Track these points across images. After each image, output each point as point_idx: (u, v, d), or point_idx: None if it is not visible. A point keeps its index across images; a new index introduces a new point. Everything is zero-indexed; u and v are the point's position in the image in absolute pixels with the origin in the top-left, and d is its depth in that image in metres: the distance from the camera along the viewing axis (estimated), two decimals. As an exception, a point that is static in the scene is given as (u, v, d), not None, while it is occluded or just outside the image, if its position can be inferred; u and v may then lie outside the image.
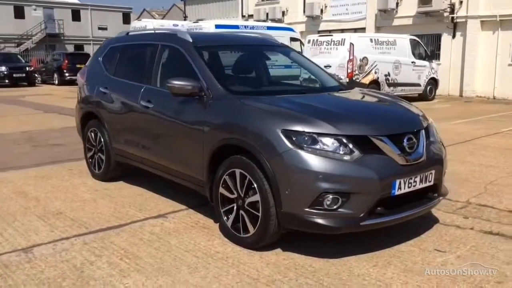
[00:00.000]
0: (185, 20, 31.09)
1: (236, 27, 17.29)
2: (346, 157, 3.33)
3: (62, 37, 46.60)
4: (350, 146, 3.36)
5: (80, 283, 3.17)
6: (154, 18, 49.77)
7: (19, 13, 45.59)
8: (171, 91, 4.06)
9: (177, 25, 18.67)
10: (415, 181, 3.55)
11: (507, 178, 5.91)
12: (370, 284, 3.15)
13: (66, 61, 26.84)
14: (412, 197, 3.66)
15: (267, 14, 24.00)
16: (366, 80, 13.71)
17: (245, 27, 17.43)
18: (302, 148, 3.32)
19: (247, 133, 3.59)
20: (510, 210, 4.64)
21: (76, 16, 48.68)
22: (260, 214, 3.52)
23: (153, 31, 5.49)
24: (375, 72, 14.01)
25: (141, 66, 5.01)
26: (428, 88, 16.09)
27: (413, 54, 15.44)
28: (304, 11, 22.94)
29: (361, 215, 3.34)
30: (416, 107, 4.30)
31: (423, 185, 3.64)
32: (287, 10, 23.84)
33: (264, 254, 3.59)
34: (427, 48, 18.15)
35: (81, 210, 4.66)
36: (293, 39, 17.96)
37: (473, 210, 4.64)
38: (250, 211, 3.60)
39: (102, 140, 5.46)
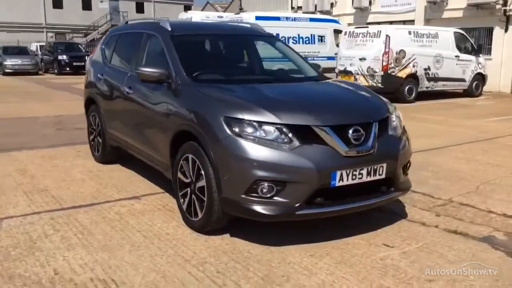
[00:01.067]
0: (241, 12, 31.41)
1: (277, 18, 17.26)
2: (284, 146, 3.34)
3: (125, 29, 48.23)
4: (290, 135, 3.37)
5: (26, 252, 3.40)
6: (217, 11, 50.59)
7: (86, 5, 47.80)
8: (140, 77, 4.22)
9: (222, 17, 18.91)
10: (360, 174, 3.50)
11: (509, 178, 5.62)
12: (296, 272, 3.17)
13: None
14: (362, 190, 3.62)
15: (316, 5, 23.75)
16: (403, 74, 13.31)
17: (287, 18, 17.37)
18: (240, 136, 3.37)
19: (197, 120, 3.69)
20: (489, 211, 4.44)
21: (140, 8, 50.45)
22: (205, 199, 3.61)
23: (144, 20, 5.68)
24: (413, 66, 13.55)
25: (129, 53, 5.22)
26: (474, 84, 15.35)
27: (458, 48, 14.77)
28: (352, 3, 22.49)
29: (297, 204, 3.35)
30: (381, 98, 4.22)
31: (372, 178, 3.58)
32: (335, 2, 23.48)
33: (210, 238, 3.68)
34: (478, 42, 17.31)
35: (66, 189, 4.94)
36: (337, 31, 17.76)
37: (451, 209, 4.48)
38: (199, 195, 3.69)
39: (99, 124, 5.73)
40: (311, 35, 17.68)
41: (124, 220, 4.07)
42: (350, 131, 3.50)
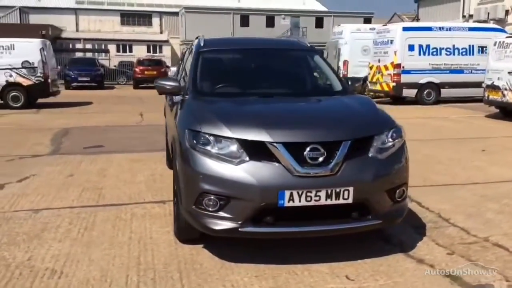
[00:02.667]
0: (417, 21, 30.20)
1: (429, 29, 16.20)
2: (233, 161, 3.30)
3: (305, 44, 49.84)
4: (241, 150, 3.31)
5: (27, 239, 3.96)
6: (403, 21, 49.25)
7: (270, 22, 50.78)
8: (157, 90, 4.54)
9: (374, 29, 18.44)
10: (317, 196, 3.25)
11: None
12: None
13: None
14: (328, 213, 3.35)
15: (488, 13, 21.47)
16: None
17: (440, 28, 16.14)
18: (194, 148, 3.42)
19: (176, 132, 3.84)
20: (526, 258, 3.65)
21: (319, 23, 51.65)
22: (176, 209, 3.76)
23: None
24: None
25: (179, 68, 5.60)
26: None
27: None
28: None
29: (241, 221, 3.27)
30: (381, 117, 3.84)
31: (334, 202, 3.28)
32: (511, 9, 20.92)
33: (183, 247, 3.77)
34: None
35: (117, 189, 5.52)
36: (501, 41, 15.87)
37: (476, 248, 3.79)
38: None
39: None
40: (470, 45, 16.15)
41: (130, 221, 4.41)
42: (307, 150, 3.28)
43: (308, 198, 3.25)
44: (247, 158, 3.29)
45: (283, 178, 3.23)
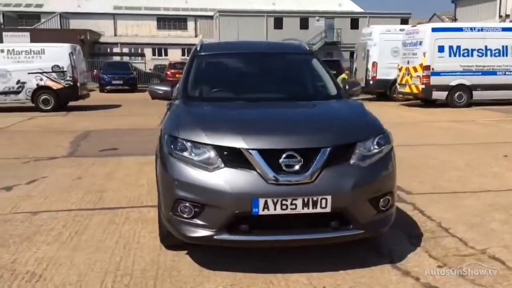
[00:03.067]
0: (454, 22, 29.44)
1: (459, 29, 15.72)
2: (209, 168, 3.24)
3: (339, 45, 49.42)
4: (216, 157, 3.25)
5: (19, 241, 4.02)
6: (443, 21, 48.10)
7: (304, 24, 50.48)
8: (149, 94, 4.55)
9: (403, 30, 18.05)
10: (293, 204, 3.15)
11: None
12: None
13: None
14: (306, 222, 3.26)
15: (526, 12, 20.66)
16: None
17: (471, 29, 15.62)
18: (171, 154, 3.39)
19: (160, 137, 3.82)
20: (521, 271, 3.45)
21: (354, 24, 50.94)
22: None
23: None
24: None
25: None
26: None
27: None
28: None
29: (215, 229, 3.21)
30: (369, 122, 3.73)
31: (311, 210, 3.18)
32: (550, 7, 20.06)
33: (166, 253, 3.75)
34: None
35: (119, 192, 5.57)
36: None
37: (470, 261, 3.60)
38: None
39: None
40: (503, 46, 15.58)
41: (122, 225, 4.43)
42: (283, 157, 3.19)
43: (284, 207, 3.16)
44: (223, 165, 3.23)
45: (257, 186, 3.15)
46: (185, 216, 3.28)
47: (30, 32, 43.72)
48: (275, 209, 3.15)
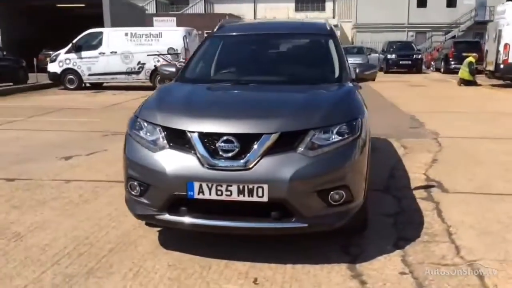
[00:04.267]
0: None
1: None
2: (155, 148, 3.29)
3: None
4: (163, 138, 3.28)
5: (34, 205, 4.52)
6: None
7: (451, 2, 46.73)
8: (159, 75, 4.70)
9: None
10: (228, 191, 3.06)
11: None
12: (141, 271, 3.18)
13: (453, 49, 26.47)
14: (247, 210, 3.15)
15: None
16: None
17: None
18: (129, 134, 3.50)
19: None
20: (497, 290, 2.94)
21: (512, 1, 45.83)
22: None
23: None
24: None
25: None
26: None
27: None
28: None
29: (157, 209, 3.26)
30: (338, 109, 3.46)
31: (247, 198, 3.05)
32: None
33: (140, 228, 3.89)
34: None
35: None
36: None
37: (444, 273, 3.17)
38: None
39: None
40: None
41: (104, 197, 4.73)
42: (220, 141, 3.11)
43: (219, 192, 3.08)
44: (167, 147, 3.25)
45: (193, 169, 3.12)
46: (134, 193, 3.39)
47: (177, 17, 47.14)
48: (210, 194, 3.09)
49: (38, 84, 17.70)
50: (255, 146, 3.08)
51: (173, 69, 4.53)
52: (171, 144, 3.24)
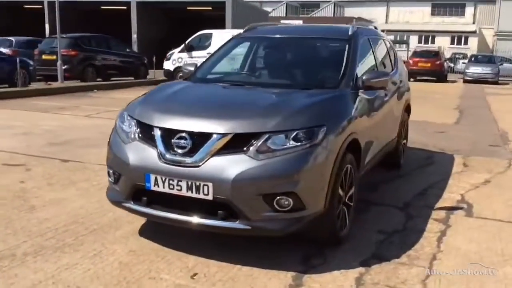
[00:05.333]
0: None
1: None
2: (127, 139, 3.52)
3: None
4: (135, 130, 3.51)
5: (60, 180, 5.06)
6: None
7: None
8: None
9: None
10: (179, 185, 3.19)
11: None
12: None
13: None
14: (198, 206, 3.24)
15: None
16: None
17: None
18: (115, 126, 3.78)
19: None
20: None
21: None
22: None
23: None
24: None
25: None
26: None
27: None
28: None
29: (124, 197, 3.49)
30: (303, 114, 3.39)
31: (195, 195, 3.16)
32: None
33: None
34: None
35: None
36: None
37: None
38: None
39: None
40: None
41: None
42: (175, 137, 3.25)
43: (171, 186, 3.22)
44: (137, 139, 3.47)
45: (151, 162, 3.29)
46: (110, 180, 3.66)
47: (303, 20, 47.65)
48: (163, 187, 3.25)
49: (155, 80, 19.23)
50: (206, 145, 3.16)
51: (192, 69, 4.74)
52: (140, 136, 3.46)
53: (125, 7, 29.11)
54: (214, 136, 3.17)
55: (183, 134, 3.23)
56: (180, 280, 3.07)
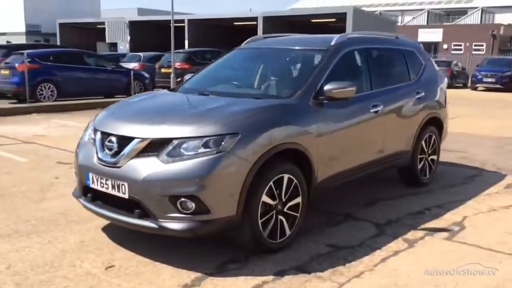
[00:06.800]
0: None
1: None
2: (83, 141, 3.98)
3: None
4: (90, 134, 3.94)
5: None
6: None
7: None
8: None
9: None
10: (107, 184, 3.54)
11: None
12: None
13: None
14: (123, 204, 3.55)
15: None
16: None
17: None
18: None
19: None
20: None
21: None
22: None
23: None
24: None
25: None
26: None
27: None
28: None
29: (79, 192, 3.93)
30: (218, 122, 3.48)
31: (117, 193, 3.47)
32: None
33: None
34: None
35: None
36: None
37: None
38: None
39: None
40: None
41: None
42: (107, 140, 3.60)
43: (101, 184, 3.58)
44: (92, 141, 3.89)
45: (90, 161, 3.69)
46: (75, 179, 4.14)
47: (444, 28, 44.96)
48: (97, 185, 3.63)
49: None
50: (127, 148, 3.47)
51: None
52: (92, 139, 3.88)
53: (254, 22, 30.67)
54: (135, 140, 3.46)
55: (112, 138, 3.58)
56: (94, 270, 3.40)
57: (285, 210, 3.70)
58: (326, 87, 4.00)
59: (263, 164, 3.46)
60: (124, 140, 3.52)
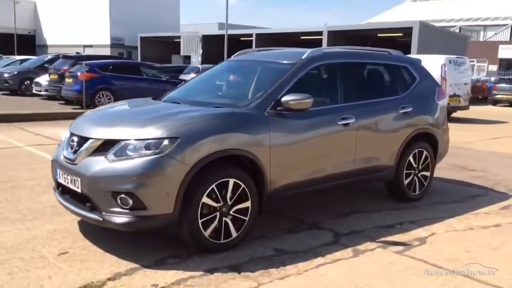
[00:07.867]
0: None
1: None
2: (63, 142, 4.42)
3: None
4: (66, 136, 4.38)
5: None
6: None
7: None
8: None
9: None
10: (67, 179, 3.95)
11: None
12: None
13: None
14: (81, 198, 3.93)
15: None
16: None
17: None
18: None
19: None
20: None
21: None
22: None
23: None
24: None
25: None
26: None
27: None
28: None
29: (55, 186, 4.38)
30: (161, 127, 3.77)
31: (73, 187, 3.87)
32: None
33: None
34: None
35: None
36: None
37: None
38: None
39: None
40: None
41: None
42: (70, 139, 4.04)
43: (64, 179, 4.01)
44: (65, 141, 4.32)
45: (60, 158, 4.13)
46: (53, 172, 4.59)
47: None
48: (62, 180, 4.06)
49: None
50: (84, 147, 3.87)
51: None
52: (65, 140, 4.32)
53: (320, 36, 30.91)
54: (90, 140, 3.86)
55: (74, 137, 4.01)
56: (48, 255, 3.79)
57: (231, 213, 3.90)
58: (284, 99, 4.16)
59: (204, 167, 3.70)
60: (82, 140, 3.92)
